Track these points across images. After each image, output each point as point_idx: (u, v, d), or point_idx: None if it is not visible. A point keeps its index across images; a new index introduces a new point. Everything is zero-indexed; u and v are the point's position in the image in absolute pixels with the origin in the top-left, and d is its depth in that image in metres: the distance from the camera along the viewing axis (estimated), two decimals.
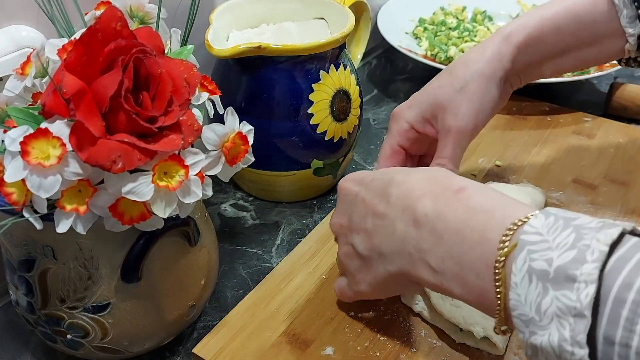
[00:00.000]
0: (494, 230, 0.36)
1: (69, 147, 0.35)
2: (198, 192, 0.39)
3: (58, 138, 0.35)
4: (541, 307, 0.31)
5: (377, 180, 0.45)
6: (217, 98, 0.44)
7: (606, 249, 0.30)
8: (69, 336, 0.45)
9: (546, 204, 0.64)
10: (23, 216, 0.37)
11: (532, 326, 0.32)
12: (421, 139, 0.57)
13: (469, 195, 0.39)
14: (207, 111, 0.43)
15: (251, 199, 0.69)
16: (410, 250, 0.40)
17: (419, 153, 0.60)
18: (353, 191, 0.46)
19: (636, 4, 0.53)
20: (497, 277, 0.35)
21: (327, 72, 0.61)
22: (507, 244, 0.34)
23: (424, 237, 0.39)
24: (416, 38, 0.97)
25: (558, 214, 0.34)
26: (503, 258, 0.34)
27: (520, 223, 0.35)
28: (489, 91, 0.55)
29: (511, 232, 0.34)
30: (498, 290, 0.35)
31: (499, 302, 0.35)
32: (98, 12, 0.43)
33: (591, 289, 0.29)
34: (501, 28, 0.57)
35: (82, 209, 0.36)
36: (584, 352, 0.29)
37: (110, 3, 0.43)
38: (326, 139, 0.62)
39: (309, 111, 0.60)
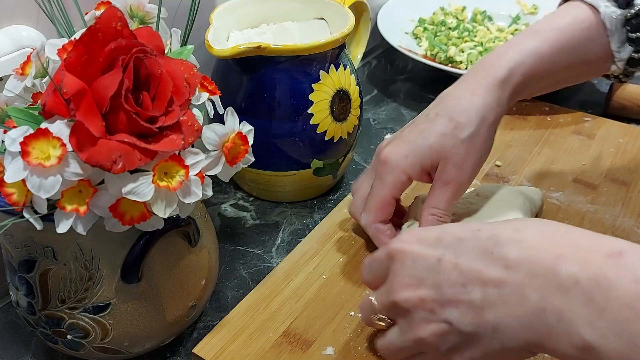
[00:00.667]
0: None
1: (69, 148, 0.35)
2: (198, 192, 0.39)
3: (58, 138, 0.34)
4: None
5: (469, 240, 0.37)
6: (217, 98, 0.44)
7: None
8: (69, 337, 0.45)
9: (546, 204, 0.64)
10: (23, 217, 0.37)
11: None
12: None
13: (629, 261, 0.33)
14: (207, 111, 0.43)
15: (251, 199, 0.69)
16: (550, 322, 0.33)
17: None
18: (431, 255, 0.38)
19: (627, 27, 0.53)
20: None
21: (327, 72, 0.61)
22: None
23: (576, 309, 0.33)
24: (416, 38, 0.97)
25: None
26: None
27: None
28: (490, 138, 0.53)
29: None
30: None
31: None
32: (98, 12, 0.43)
33: None
34: (491, 64, 0.53)
35: (83, 209, 0.36)
36: None
37: (111, 3, 0.43)
38: (326, 139, 0.62)
39: (309, 111, 0.60)
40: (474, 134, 0.51)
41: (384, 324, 0.41)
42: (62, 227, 0.36)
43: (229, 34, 0.65)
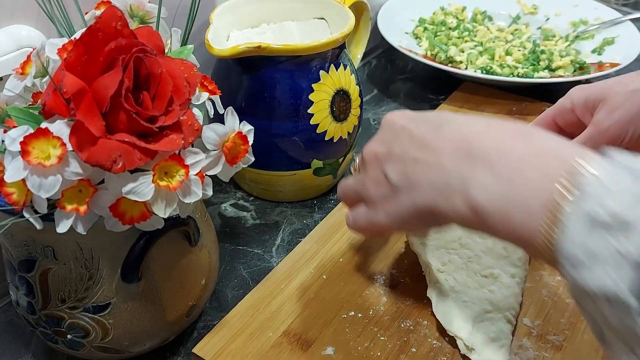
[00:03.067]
0: (557, 170, 0.35)
1: (70, 147, 0.35)
2: (198, 192, 0.39)
3: (58, 138, 0.34)
4: (595, 252, 0.31)
5: (432, 118, 0.43)
6: (217, 98, 0.44)
7: None
8: (69, 336, 0.45)
9: None
10: (23, 216, 0.37)
11: (583, 271, 0.32)
12: (576, 125, 0.57)
13: (535, 137, 0.37)
14: (207, 111, 0.43)
15: (251, 198, 0.69)
16: (450, 182, 0.38)
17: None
18: (400, 124, 0.44)
19: None
20: (549, 216, 0.34)
21: (327, 72, 0.61)
22: (568, 187, 0.34)
23: (473, 170, 0.37)
24: (416, 38, 0.97)
25: (619, 158, 0.34)
26: (561, 200, 0.34)
27: (584, 163, 0.34)
28: None
29: (573, 176, 0.34)
30: (547, 230, 0.34)
31: (544, 241, 0.34)
32: (98, 12, 0.43)
33: None
34: None
35: (83, 209, 0.36)
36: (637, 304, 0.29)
37: (111, 2, 0.43)
38: (326, 139, 0.62)
39: (309, 111, 0.60)
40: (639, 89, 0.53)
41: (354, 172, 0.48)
42: (62, 227, 0.36)
43: (229, 33, 0.65)
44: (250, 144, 0.43)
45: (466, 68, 0.87)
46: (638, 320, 0.30)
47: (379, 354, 0.49)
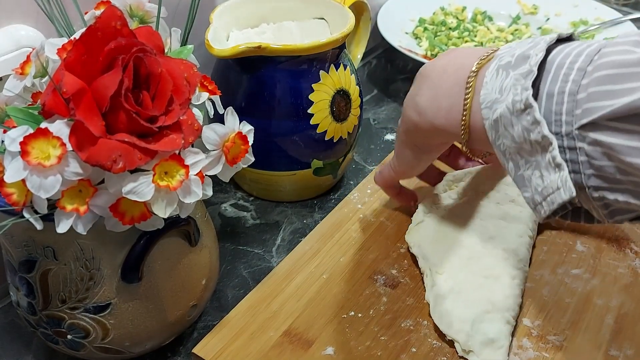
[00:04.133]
0: (473, 58, 0.43)
1: (69, 147, 0.35)
2: (198, 192, 0.39)
3: (58, 138, 0.34)
4: (503, 85, 0.38)
5: (445, 54, 0.50)
6: (217, 98, 0.44)
7: (555, 37, 0.39)
8: (69, 337, 0.45)
9: None
10: (23, 217, 0.36)
11: (495, 104, 0.39)
12: None
13: (458, 50, 0.47)
14: (207, 111, 0.43)
15: (252, 198, 0.69)
16: (413, 100, 0.47)
17: None
18: (437, 65, 0.50)
19: None
20: (468, 87, 0.42)
21: (327, 72, 0.60)
22: (482, 60, 0.42)
23: (421, 84, 0.47)
24: (416, 38, 0.97)
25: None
26: (476, 69, 0.42)
27: (494, 49, 0.42)
28: None
29: (488, 53, 0.42)
30: (467, 96, 0.42)
31: (464, 112, 0.42)
32: (98, 12, 0.43)
33: (540, 55, 0.37)
34: None
35: (83, 209, 0.36)
36: (529, 92, 0.36)
37: (110, 2, 0.43)
38: (326, 139, 0.62)
39: (309, 111, 0.60)
40: None
41: None
42: (62, 227, 0.36)
43: (229, 33, 0.65)
44: (250, 144, 0.43)
45: None
46: (537, 116, 0.36)
47: (379, 354, 0.49)
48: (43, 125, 0.35)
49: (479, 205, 0.58)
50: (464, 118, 0.42)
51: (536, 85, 0.37)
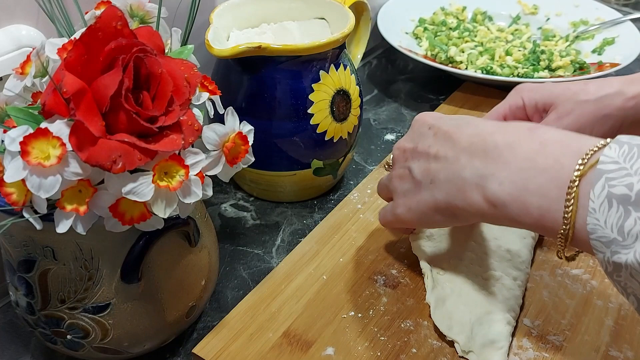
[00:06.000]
0: (569, 157, 0.37)
1: (69, 147, 0.35)
2: (198, 192, 0.39)
3: (58, 138, 0.34)
4: (624, 228, 0.33)
5: (455, 119, 0.46)
6: (217, 98, 0.44)
7: None
8: (68, 337, 0.45)
9: None
10: (23, 216, 0.36)
11: (614, 246, 0.34)
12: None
13: (542, 131, 0.40)
14: (208, 111, 0.43)
15: (251, 199, 0.69)
16: (466, 176, 0.41)
17: None
18: (428, 123, 0.47)
19: None
20: (568, 198, 0.36)
21: (327, 72, 0.60)
22: (583, 167, 0.36)
23: (488, 165, 0.40)
24: (416, 38, 0.97)
25: (631, 141, 0.35)
26: (578, 179, 0.36)
27: (595, 149, 0.36)
28: (599, 127, 0.54)
29: (587, 157, 0.36)
30: (568, 209, 0.36)
31: (566, 221, 0.36)
32: (98, 12, 0.43)
33: None
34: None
35: (82, 209, 0.36)
36: None
37: (111, 2, 0.43)
38: (326, 139, 0.62)
39: (309, 111, 0.60)
40: (590, 102, 0.54)
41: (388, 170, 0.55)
42: (62, 227, 0.36)
43: (229, 33, 0.65)
44: (250, 144, 0.43)
45: (466, 68, 0.87)
46: None
47: (379, 354, 0.49)
48: (43, 125, 0.35)
49: None
50: (563, 229, 0.37)
51: None
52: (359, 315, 0.52)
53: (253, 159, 0.45)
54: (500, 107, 0.59)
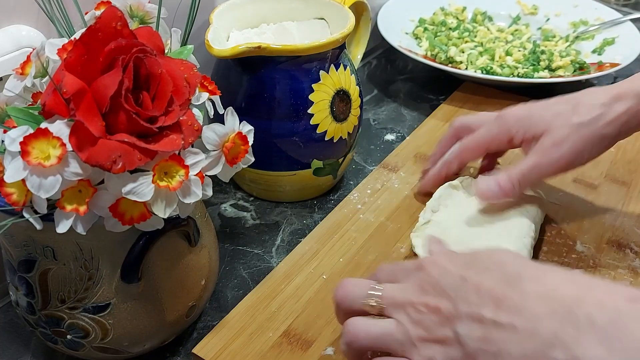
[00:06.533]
0: None
1: (69, 147, 0.35)
2: (198, 192, 0.39)
3: (58, 138, 0.34)
4: None
5: (495, 270, 0.38)
6: (217, 98, 0.44)
7: None
8: (69, 337, 0.45)
9: (546, 204, 0.64)
10: (23, 216, 0.36)
11: None
12: (501, 149, 0.59)
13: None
14: (207, 111, 0.43)
15: (251, 199, 0.69)
16: (549, 352, 0.33)
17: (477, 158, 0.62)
18: (457, 274, 0.39)
19: None
20: None
21: (327, 72, 0.60)
22: None
23: (588, 347, 0.32)
24: (416, 38, 0.97)
25: None
26: None
27: None
28: (597, 146, 0.54)
29: None
30: None
31: None
32: (98, 12, 0.43)
33: None
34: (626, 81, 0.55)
35: (82, 209, 0.36)
36: None
37: (110, 3, 0.43)
38: (326, 139, 0.62)
39: (309, 111, 0.60)
40: (585, 124, 0.53)
41: (370, 310, 0.41)
42: (62, 227, 0.36)
43: (229, 34, 0.65)
44: (250, 144, 0.43)
45: (466, 68, 0.87)
46: None
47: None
48: (43, 125, 0.35)
49: (483, 207, 0.59)
50: None
51: None
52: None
53: (253, 159, 0.45)
54: (481, 137, 0.58)
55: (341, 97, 0.62)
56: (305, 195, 0.68)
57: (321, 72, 0.60)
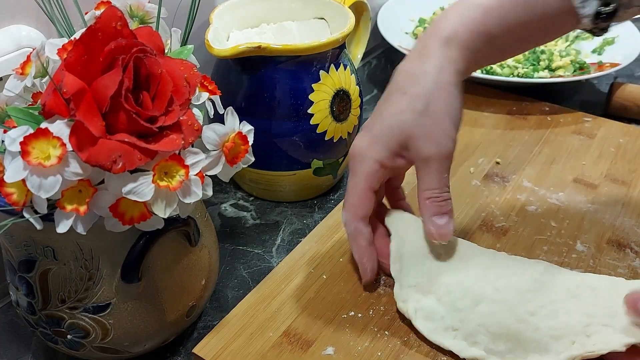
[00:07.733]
0: None
1: (69, 147, 0.35)
2: (198, 192, 0.39)
3: (58, 138, 0.34)
4: None
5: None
6: (217, 98, 0.44)
7: None
8: (69, 337, 0.45)
9: (546, 204, 0.64)
10: (23, 216, 0.36)
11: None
12: (393, 174, 0.53)
13: None
14: (207, 111, 0.43)
15: (251, 198, 0.69)
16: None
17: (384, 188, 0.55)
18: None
19: None
20: None
21: (327, 72, 0.61)
22: None
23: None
24: (416, 38, 0.97)
25: None
26: None
27: None
28: (455, 100, 0.49)
29: None
30: None
31: None
32: (98, 12, 0.43)
33: None
34: (436, 24, 0.50)
35: (83, 209, 0.36)
36: None
37: (110, 3, 0.43)
38: (326, 139, 0.62)
39: (309, 111, 0.60)
40: (432, 102, 0.48)
41: None
42: (62, 227, 0.36)
43: (229, 33, 0.65)
44: (250, 144, 0.43)
45: None
46: None
47: (379, 354, 0.49)
48: (43, 125, 0.35)
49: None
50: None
51: None
52: (359, 315, 0.52)
53: (253, 159, 0.45)
54: (357, 185, 0.50)
55: (341, 97, 0.62)
56: (305, 195, 0.68)
57: (321, 72, 0.60)
